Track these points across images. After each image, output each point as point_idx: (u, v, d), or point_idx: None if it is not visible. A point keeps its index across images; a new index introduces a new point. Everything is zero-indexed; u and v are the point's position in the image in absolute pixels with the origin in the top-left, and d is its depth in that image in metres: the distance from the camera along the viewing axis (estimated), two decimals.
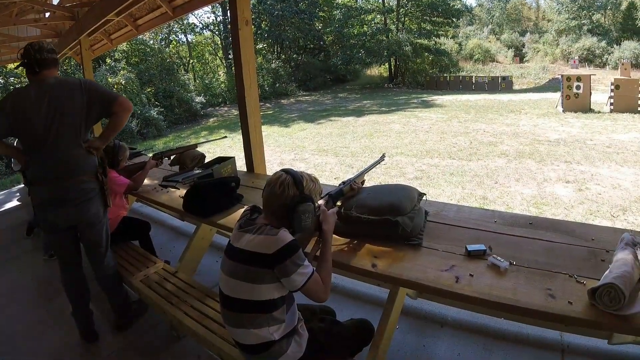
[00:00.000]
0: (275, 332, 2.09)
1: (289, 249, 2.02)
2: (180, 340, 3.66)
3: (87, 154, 3.26)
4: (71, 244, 3.53)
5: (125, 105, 3.25)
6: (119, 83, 23.45)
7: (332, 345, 2.38)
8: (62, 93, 3.13)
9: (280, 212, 2.16)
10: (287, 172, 2.21)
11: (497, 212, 3.28)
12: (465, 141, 14.52)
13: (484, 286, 2.13)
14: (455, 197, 8.97)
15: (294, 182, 2.16)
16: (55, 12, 7.60)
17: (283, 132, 19.15)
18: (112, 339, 3.78)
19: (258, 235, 2.08)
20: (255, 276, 2.04)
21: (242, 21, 4.54)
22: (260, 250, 2.03)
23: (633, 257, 2.02)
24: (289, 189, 2.14)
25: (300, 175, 2.22)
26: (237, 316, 2.12)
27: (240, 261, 2.09)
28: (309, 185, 2.23)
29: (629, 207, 8.01)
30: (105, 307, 3.91)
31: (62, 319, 3.99)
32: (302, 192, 2.17)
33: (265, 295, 2.05)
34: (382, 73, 45.88)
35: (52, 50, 3.27)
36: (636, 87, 19.01)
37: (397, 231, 2.58)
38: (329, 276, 2.25)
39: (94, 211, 3.39)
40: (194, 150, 5.07)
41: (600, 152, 12.16)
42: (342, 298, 4.02)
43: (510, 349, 3.30)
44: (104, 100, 3.22)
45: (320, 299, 2.16)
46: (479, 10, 63.97)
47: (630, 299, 1.82)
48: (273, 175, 2.22)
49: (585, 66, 41.02)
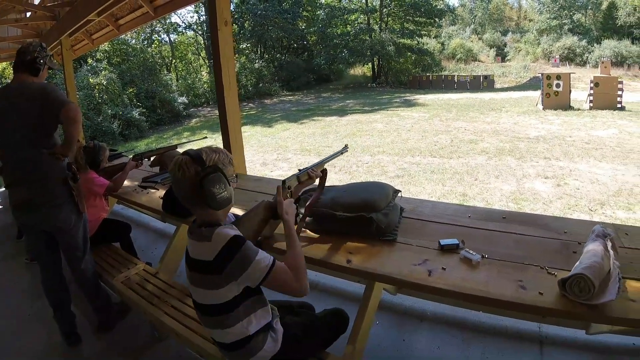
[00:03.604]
0: (250, 326, 2.07)
1: (230, 247, 1.92)
2: (162, 340, 3.65)
3: (52, 159, 3.20)
4: (48, 246, 3.52)
5: (69, 114, 3.10)
6: (100, 83, 23.30)
7: (307, 336, 2.38)
8: (20, 98, 3.11)
9: (193, 198, 2.00)
10: (184, 153, 2.04)
11: (472, 208, 3.31)
12: (446, 139, 14.65)
13: (456, 279, 2.16)
14: (435, 194, 9.04)
15: (192, 159, 1.98)
16: (36, 12, 7.58)
17: (266, 132, 19.19)
18: (94, 340, 3.77)
19: (197, 242, 2.01)
20: (208, 283, 1.98)
21: (221, 22, 4.56)
22: (202, 257, 1.96)
23: (603, 248, 2.07)
24: (189, 167, 1.97)
25: (198, 150, 2.05)
26: (209, 319, 2.11)
27: (193, 269, 2.04)
28: (210, 155, 2.04)
29: (606, 201, 8.14)
30: (87, 309, 3.89)
31: (45, 322, 3.96)
32: (203, 165, 1.98)
33: (228, 296, 1.99)
34: (366, 73, 46.05)
35: (24, 53, 3.24)
36: (615, 85, 19.33)
37: (372, 227, 2.61)
38: (299, 265, 2.12)
39: (64, 217, 3.37)
40: (174, 151, 5.05)
41: (579, 148, 12.36)
42: (322, 295, 4.04)
43: (488, 341, 3.35)
44: (54, 107, 3.10)
45: (294, 289, 2.05)
46: (462, 10, 64.31)
47: (600, 289, 1.85)
48: (171, 163, 2.06)
49: (566, 65, 41.42)
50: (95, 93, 22.87)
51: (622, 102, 19.53)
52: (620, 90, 19.45)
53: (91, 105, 22.06)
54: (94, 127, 20.79)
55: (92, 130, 20.28)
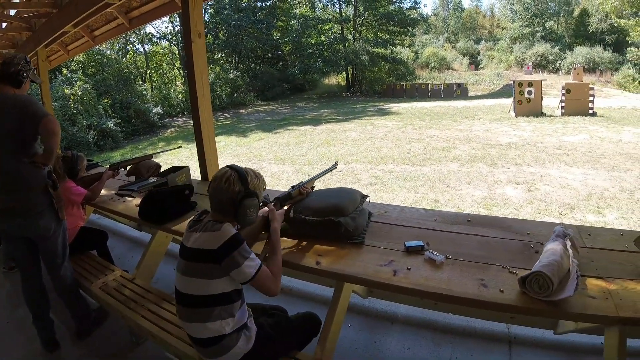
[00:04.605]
0: (227, 326, 2.21)
1: (233, 242, 2.15)
2: (139, 345, 3.71)
3: (32, 168, 3.26)
4: (28, 254, 3.56)
5: (47, 126, 3.18)
6: (75, 94, 23.03)
7: (279, 337, 2.49)
8: (0, 109, 3.17)
9: (226, 207, 2.27)
10: (232, 168, 2.33)
11: (438, 212, 3.45)
12: (419, 147, 14.75)
13: (419, 278, 2.30)
14: (407, 201, 9.11)
15: (239, 177, 2.29)
16: (12, 23, 7.54)
17: (241, 142, 19.14)
18: (73, 346, 3.80)
19: (203, 233, 2.20)
20: (205, 272, 2.15)
21: (195, 34, 4.65)
22: (206, 246, 2.15)
23: (563, 247, 2.21)
24: (235, 184, 2.26)
25: (245, 171, 2.34)
26: (191, 311, 2.23)
27: (191, 259, 2.21)
28: (253, 181, 2.35)
29: (577, 205, 8.30)
30: (66, 315, 3.91)
31: (24, 328, 3.99)
32: (247, 187, 2.29)
33: (218, 289, 2.16)
34: (340, 82, 46.10)
35: (8, 64, 3.31)
36: (587, 91, 19.72)
37: (340, 231, 2.74)
38: (278, 270, 2.37)
39: (44, 225, 3.42)
40: (149, 160, 5.14)
41: (550, 154, 12.56)
42: (293, 299, 4.14)
43: (458, 341, 3.45)
44: (34, 119, 3.17)
45: (271, 291, 2.27)
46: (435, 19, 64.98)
47: (559, 286, 1.99)
48: (219, 172, 2.34)
49: (539, 72, 41.93)
50: (70, 104, 22.60)
51: (593, 107, 19.94)
52: (591, 97, 19.85)
53: (66, 115, 21.79)
54: (69, 138, 20.53)
55: (67, 140, 20.04)
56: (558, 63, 44.12)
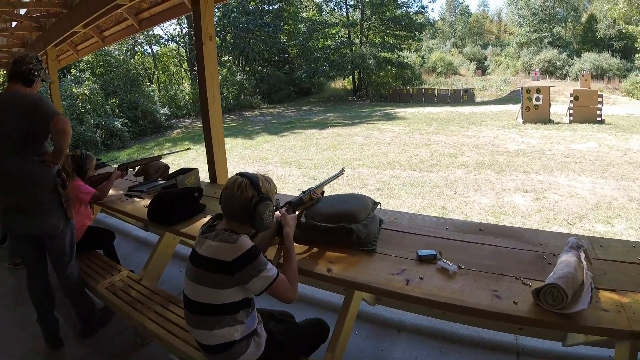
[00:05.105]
0: (236, 333, 2.18)
1: (248, 256, 2.12)
2: (144, 346, 3.69)
3: (42, 166, 3.29)
4: (35, 251, 3.56)
5: (58, 125, 3.19)
6: (83, 94, 23.06)
7: (289, 343, 2.47)
8: (11, 107, 3.18)
9: (240, 215, 2.25)
10: (243, 175, 2.31)
11: (449, 220, 3.41)
12: (426, 153, 14.71)
13: (432, 288, 2.25)
14: (415, 208, 9.08)
15: (251, 183, 2.26)
16: (22, 22, 7.55)
17: (247, 144, 19.11)
18: (77, 345, 3.78)
19: (218, 242, 2.17)
20: (216, 281, 2.13)
21: (206, 36, 4.65)
22: (220, 257, 2.12)
23: (577, 259, 2.16)
24: (247, 190, 2.24)
25: (256, 176, 2.33)
26: (200, 319, 2.20)
27: (202, 267, 2.18)
28: (265, 185, 2.33)
29: (585, 215, 8.23)
30: (70, 313, 3.90)
31: (28, 325, 3.98)
32: (259, 192, 2.27)
33: (227, 299, 2.14)
34: (346, 86, 46.20)
35: (20, 63, 3.33)
36: (595, 98, 19.61)
37: (352, 238, 2.71)
38: (294, 276, 2.36)
39: (53, 223, 3.42)
40: (158, 162, 5.14)
41: (559, 162, 12.48)
42: (300, 304, 4.07)
43: (465, 352, 3.40)
44: (44, 118, 3.19)
45: (289, 298, 2.26)
46: (442, 24, 64.96)
47: (573, 299, 1.96)
48: (229, 180, 2.32)
49: (547, 78, 41.90)
50: (78, 103, 22.62)
51: (601, 115, 19.82)
52: (600, 104, 19.73)
53: (74, 114, 21.78)
54: (77, 137, 20.57)
55: (74, 139, 20.03)
56: (566, 69, 44.09)
